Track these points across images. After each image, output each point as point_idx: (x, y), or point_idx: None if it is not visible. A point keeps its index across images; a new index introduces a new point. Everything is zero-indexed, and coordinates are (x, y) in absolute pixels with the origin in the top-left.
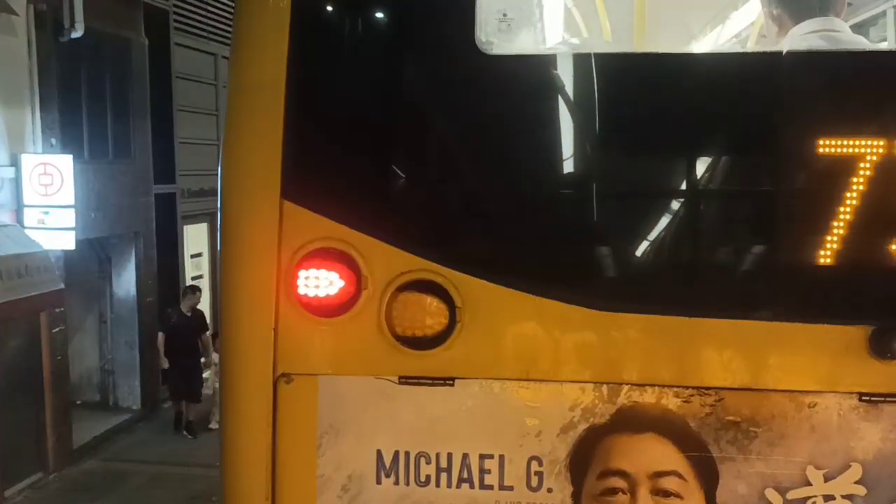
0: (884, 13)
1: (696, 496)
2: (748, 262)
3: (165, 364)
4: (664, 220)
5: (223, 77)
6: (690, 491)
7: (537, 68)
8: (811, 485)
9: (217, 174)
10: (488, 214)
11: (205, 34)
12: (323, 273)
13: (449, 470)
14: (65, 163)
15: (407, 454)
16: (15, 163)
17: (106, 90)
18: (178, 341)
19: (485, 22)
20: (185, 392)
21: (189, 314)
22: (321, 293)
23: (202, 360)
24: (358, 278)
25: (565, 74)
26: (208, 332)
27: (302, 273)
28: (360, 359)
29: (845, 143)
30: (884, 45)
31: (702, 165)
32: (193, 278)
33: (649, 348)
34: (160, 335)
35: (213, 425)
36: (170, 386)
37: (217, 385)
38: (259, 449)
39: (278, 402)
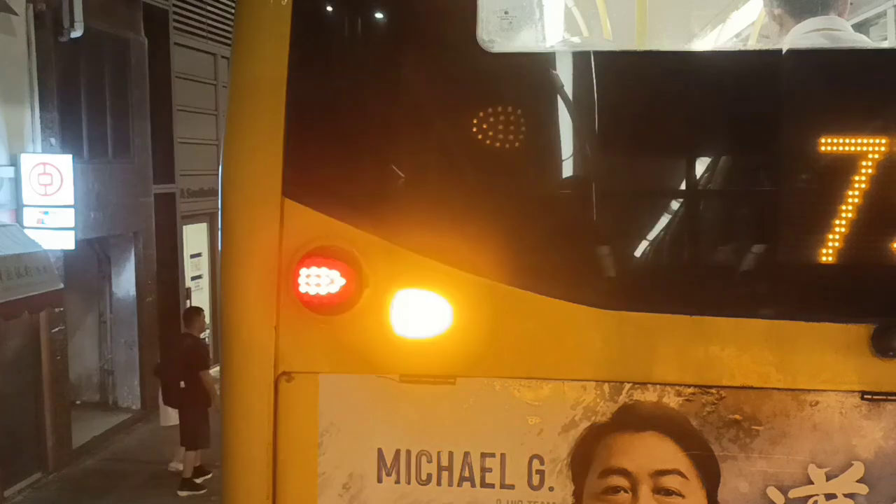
0: (884, 13)
1: (698, 495)
2: (750, 261)
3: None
4: (665, 219)
5: (223, 77)
6: (692, 489)
7: (539, 66)
8: (813, 483)
9: (217, 174)
10: (489, 213)
11: (204, 34)
12: (324, 271)
13: (450, 468)
14: (64, 162)
15: (408, 453)
16: (14, 162)
17: (105, 90)
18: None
19: (486, 20)
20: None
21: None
22: (322, 291)
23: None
24: (359, 276)
25: (566, 72)
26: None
27: (303, 271)
28: (362, 357)
29: (847, 141)
30: (885, 44)
31: (703, 164)
32: (193, 278)
33: (651, 347)
34: (209, 373)
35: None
36: (197, 433)
37: None
38: (260, 447)
39: (279, 400)
